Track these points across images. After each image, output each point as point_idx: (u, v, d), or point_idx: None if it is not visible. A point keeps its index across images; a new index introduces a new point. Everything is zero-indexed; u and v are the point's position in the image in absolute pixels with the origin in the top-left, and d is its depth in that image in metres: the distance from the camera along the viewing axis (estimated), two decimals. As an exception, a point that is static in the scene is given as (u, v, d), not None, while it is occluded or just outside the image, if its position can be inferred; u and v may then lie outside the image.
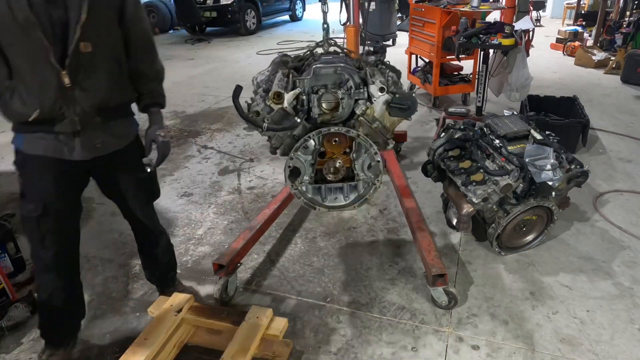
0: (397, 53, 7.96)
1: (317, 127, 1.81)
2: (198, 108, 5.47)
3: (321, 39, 2.27)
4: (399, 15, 9.84)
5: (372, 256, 2.60)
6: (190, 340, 2.06)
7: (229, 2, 10.20)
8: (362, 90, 1.82)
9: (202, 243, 2.80)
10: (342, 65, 1.86)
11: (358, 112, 1.80)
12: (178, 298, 2.05)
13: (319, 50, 2.23)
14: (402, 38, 8.32)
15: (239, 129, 4.66)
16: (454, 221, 2.57)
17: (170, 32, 12.33)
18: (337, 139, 1.84)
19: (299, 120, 1.76)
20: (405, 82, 5.79)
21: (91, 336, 2.10)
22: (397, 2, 8.29)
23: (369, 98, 1.83)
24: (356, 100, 1.82)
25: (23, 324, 2.18)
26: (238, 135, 4.50)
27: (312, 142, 1.84)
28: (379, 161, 1.85)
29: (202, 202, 3.28)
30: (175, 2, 10.37)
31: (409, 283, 2.37)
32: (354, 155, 1.89)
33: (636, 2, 7.62)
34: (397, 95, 1.80)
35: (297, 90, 1.78)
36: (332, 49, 2.24)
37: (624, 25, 7.31)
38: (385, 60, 2.15)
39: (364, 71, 1.90)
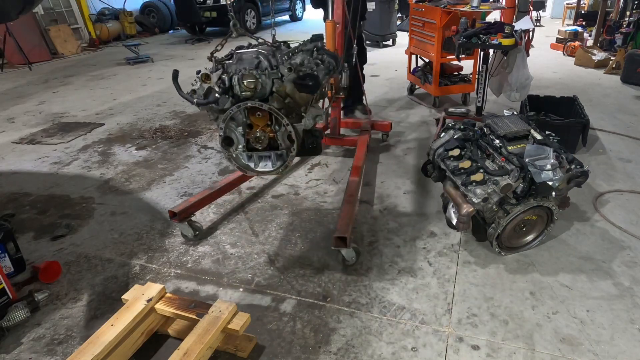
0: (397, 53, 7.99)
1: (241, 102, 2.13)
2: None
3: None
4: (399, 15, 9.86)
5: (372, 256, 2.60)
6: (161, 329, 2.11)
7: (229, 2, 10.21)
8: (275, 71, 2.09)
9: (201, 243, 2.80)
10: (261, 50, 2.15)
11: (274, 89, 2.08)
12: (151, 288, 2.09)
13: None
14: (402, 38, 8.32)
15: (239, 129, 4.66)
16: (454, 221, 2.57)
17: (170, 32, 12.35)
18: (259, 113, 2.10)
19: (218, 95, 2.05)
20: (405, 82, 5.81)
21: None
22: (397, 2, 8.29)
23: (282, 77, 2.09)
24: (273, 80, 2.08)
25: (23, 324, 2.18)
26: (238, 135, 4.50)
27: (240, 115, 2.12)
28: (290, 132, 2.11)
29: (202, 202, 3.28)
30: (175, 2, 10.39)
31: (409, 283, 2.37)
32: (276, 127, 2.16)
33: (636, 2, 7.62)
34: (301, 74, 2.06)
35: (219, 72, 2.06)
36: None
37: (624, 25, 7.31)
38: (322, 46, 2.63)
39: (281, 54, 2.21)
